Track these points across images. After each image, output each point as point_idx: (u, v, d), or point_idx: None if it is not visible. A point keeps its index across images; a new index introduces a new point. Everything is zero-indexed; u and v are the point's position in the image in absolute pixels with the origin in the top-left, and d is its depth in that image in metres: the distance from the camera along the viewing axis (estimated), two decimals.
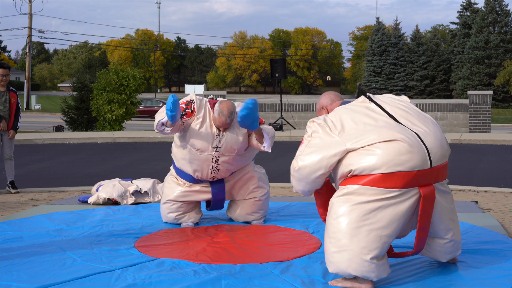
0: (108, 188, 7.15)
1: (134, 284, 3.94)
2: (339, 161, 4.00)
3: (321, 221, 5.76)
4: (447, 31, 71.70)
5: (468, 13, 60.96)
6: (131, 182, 7.42)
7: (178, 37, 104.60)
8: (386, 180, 3.87)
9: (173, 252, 4.74)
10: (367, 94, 4.31)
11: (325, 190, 4.34)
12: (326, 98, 4.57)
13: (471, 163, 12.68)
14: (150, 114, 33.50)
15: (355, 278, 3.98)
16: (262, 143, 5.51)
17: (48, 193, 8.28)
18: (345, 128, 4.03)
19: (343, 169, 3.99)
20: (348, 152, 3.96)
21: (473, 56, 55.28)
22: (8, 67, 8.44)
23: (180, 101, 5.49)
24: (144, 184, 7.35)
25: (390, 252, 4.29)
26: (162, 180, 7.92)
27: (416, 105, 4.49)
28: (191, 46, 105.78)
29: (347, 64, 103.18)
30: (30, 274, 4.15)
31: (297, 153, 4.13)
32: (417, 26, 68.12)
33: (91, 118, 22.66)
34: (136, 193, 7.23)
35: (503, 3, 56.40)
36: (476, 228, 5.51)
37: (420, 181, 3.94)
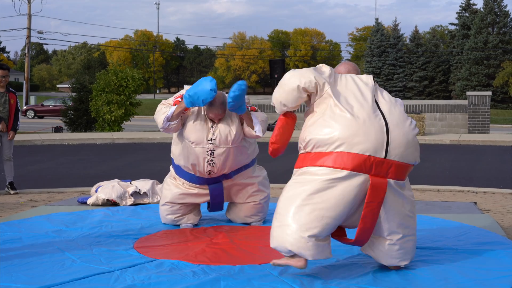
0: (107, 189, 7.15)
1: (133, 285, 3.94)
2: (303, 129, 4.22)
3: None
4: (446, 32, 71.71)
5: (467, 14, 60.97)
6: (130, 183, 7.42)
7: (177, 38, 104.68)
8: (337, 159, 4.00)
9: (172, 253, 4.75)
10: (375, 79, 4.40)
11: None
12: (343, 67, 4.63)
13: (470, 164, 12.69)
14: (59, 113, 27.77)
15: (292, 257, 4.06)
16: (253, 128, 5.53)
17: (47, 194, 8.28)
18: (336, 84, 4.25)
19: (302, 138, 4.18)
20: (323, 94, 4.20)
21: (472, 57, 55.28)
22: (8, 68, 8.44)
23: (175, 96, 5.64)
24: (143, 185, 7.35)
25: (338, 235, 4.34)
26: (161, 181, 7.92)
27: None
28: (190, 47, 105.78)
29: None
30: (29, 275, 4.15)
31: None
32: (416, 27, 68.20)
33: (90, 119, 22.65)
34: (135, 194, 7.23)
35: (502, 4, 56.41)
36: (475, 229, 5.51)
37: (371, 169, 4.01)
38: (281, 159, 10.88)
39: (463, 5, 61.91)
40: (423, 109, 20.91)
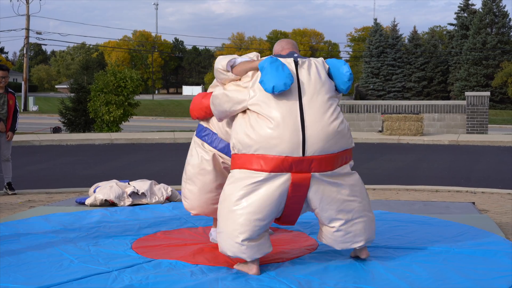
0: (105, 190, 7.15)
1: (131, 285, 3.94)
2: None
3: (318, 222, 5.76)
4: (445, 33, 71.72)
5: (465, 14, 60.98)
6: (129, 184, 7.42)
7: (175, 38, 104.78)
8: (257, 161, 4.15)
9: (170, 253, 4.74)
10: (296, 60, 4.36)
11: None
12: (277, 45, 4.67)
13: (468, 164, 12.70)
14: None
15: (246, 263, 4.26)
16: None
17: (45, 195, 8.28)
18: (257, 85, 4.27)
19: (230, 140, 4.37)
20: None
21: (471, 57, 55.29)
22: (7, 69, 8.44)
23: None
24: (141, 185, 7.35)
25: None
26: (159, 182, 7.93)
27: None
28: (189, 47, 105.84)
29: None
30: (27, 276, 4.15)
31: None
32: (414, 27, 68.05)
33: (89, 120, 22.65)
34: (134, 194, 7.23)
35: (501, 4, 56.43)
36: (473, 230, 5.51)
37: (291, 168, 4.14)
38: None
39: (462, 5, 61.93)
40: (421, 110, 20.92)
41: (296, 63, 4.33)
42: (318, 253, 4.77)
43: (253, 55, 4.67)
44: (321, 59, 4.53)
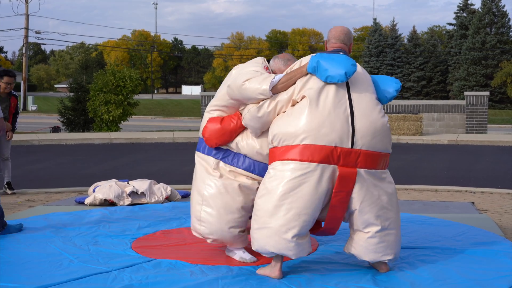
0: (105, 189, 7.14)
1: (130, 285, 3.94)
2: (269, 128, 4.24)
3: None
4: (444, 32, 71.73)
5: (465, 14, 61.00)
6: (128, 183, 7.42)
7: (175, 38, 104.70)
8: (303, 151, 4.02)
9: (170, 253, 4.74)
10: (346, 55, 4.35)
11: None
12: (329, 32, 4.53)
13: (467, 164, 12.70)
14: None
15: (270, 267, 4.15)
16: None
17: (44, 194, 8.27)
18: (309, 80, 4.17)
19: (270, 132, 4.21)
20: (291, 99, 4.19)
21: (470, 57, 55.29)
22: (14, 75, 8.56)
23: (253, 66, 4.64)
24: (140, 185, 7.35)
25: (313, 228, 4.33)
26: (158, 181, 7.93)
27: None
28: (188, 47, 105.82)
29: None
30: (27, 275, 4.14)
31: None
32: (414, 27, 68.01)
33: (88, 119, 22.65)
34: (133, 194, 7.23)
35: (500, 4, 56.43)
36: (473, 229, 5.51)
37: (339, 160, 4.05)
38: None
39: (461, 5, 61.93)
40: (421, 109, 20.92)
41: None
42: (319, 253, 4.77)
43: (261, 60, 4.59)
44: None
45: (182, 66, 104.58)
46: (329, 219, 4.19)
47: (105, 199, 7.05)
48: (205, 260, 4.54)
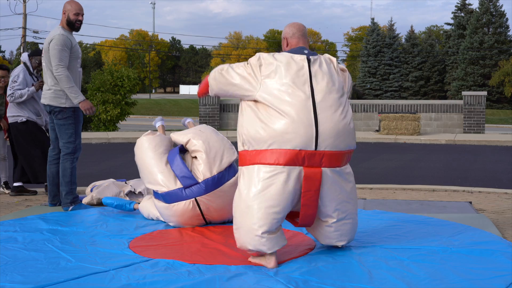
0: (103, 189, 7.14)
1: (128, 285, 3.94)
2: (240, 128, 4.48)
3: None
4: (442, 32, 71.80)
5: (462, 14, 61.05)
6: (126, 183, 7.41)
7: (173, 38, 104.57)
8: (271, 156, 4.31)
9: (168, 253, 4.74)
10: (309, 57, 4.52)
11: None
12: (289, 28, 4.72)
13: (465, 163, 12.71)
14: None
15: (263, 256, 4.44)
16: None
17: (42, 194, 8.26)
18: (268, 79, 4.39)
19: (240, 134, 4.47)
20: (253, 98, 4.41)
21: (468, 57, 55.34)
22: (7, 69, 8.39)
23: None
24: (138, 184, 7.35)
25: (290, 217, 4.71)
26: None
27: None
28: (186, 46, 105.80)
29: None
30: (24, 275, 4.14)
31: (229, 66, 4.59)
32: (411, 27, 68.05)
33: (86, 119, 22.61)
34: (131, 193, 7.22)
35: (498, 4, 56.48)
36: (470, 229, 5.52)
37: (304, 162, 4.33)
38: None
39: (459, 5, 61.98)
40: (418, 109, 20.94)
41: (309, 61, 4.49)
42: (316, 252, 4.77)
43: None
44: (328, 55, 4.71)
45: (180, 65, 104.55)
46: (302, 217, 4.54)
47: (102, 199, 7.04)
48: (202, 259, 4.54)
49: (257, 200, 4.34)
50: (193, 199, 5.55)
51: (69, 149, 6.70)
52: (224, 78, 4.56)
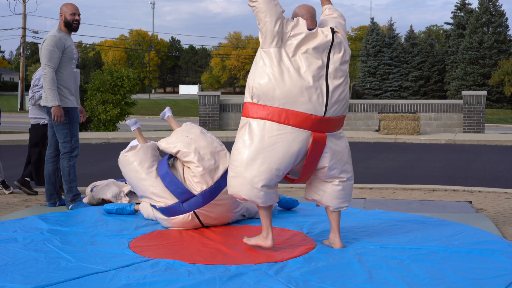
0: (102, 189, 7.13)
1: (128, 285, 3.94)
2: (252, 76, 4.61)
3: (315, 222, 5.77)
4: (441, 32, 71.79)
5: (462, 14, 61.04)
6: (126, 183, 7.41)
7: (172, 38, 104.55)
8: (281, 115, 4.51)
9: (168, 253, 4.74)
10: (333, 28, 4.76)
11: None
12: (298, 10, 4.85)
13: (465, 163, 12.71)
14: None
15: (259, 237, 4.74)
16: None
17: (42, 194, 8.25)
18: (294, 39, 4.58)
19: (250, 85, 4.61)
20: (278, 43, 4.55)
21: (467, 56, 55.32)
22: None
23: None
24: None
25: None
26: None
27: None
28: (186, 46, 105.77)
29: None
30: (24, 275, 4.14)
31: None
32: (411, 26, 67.96)
33: (85, 119, 22.60)
34: (131, 193, 7.22)
35: (497, 4, 56.46)
36: (470, 229, 5.52)
37: (313, 126, 4.56)
38: None
39: (459, 4, 61.96)
40: (418, 109, 20.94)
41: (333, 32, 4.71)
42: (316, 252, 4.77)
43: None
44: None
45: (180, 65, 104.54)
46: (302, 175, 4.78)
47: (102, 199, 7.04)
48: (202, 259, 4.54)
49: (262, 155, 4.52)
50: (192, 211, 5.52)
51: (66, 149, 6.77)
52: (275, 7, 4.59)
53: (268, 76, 4.51)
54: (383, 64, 61.12)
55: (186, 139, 5.70)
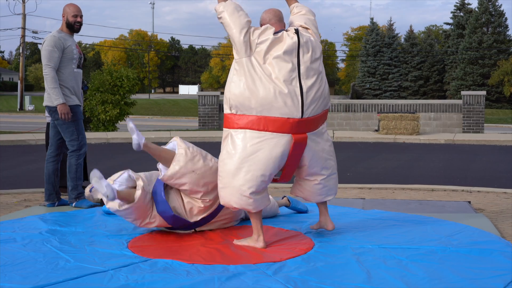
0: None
1: (127, 285, 3.94)
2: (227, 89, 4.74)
3: (314, 222, 5.76)
4: (441, 32, 71.80)
5: (461, 14, 61.07)
6: None
7: (172, 38, 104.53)
8: (260, 123, 4.64)
9: (166, 253, 4.74)
10: (297, 29, 4.86)
11: None
12: (266, 15, 4.96)
13: (464, 163, 12.72)
14: None
15: (251, 239, 4.87)
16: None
17: (41, 194, 8.25)
18: (262, 45, 4.70)
19: (227, 97, 4.71)
20: (246, 56, 4.68)
21: (467, 56, 55.35)
22: None
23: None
24: None
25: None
26: None
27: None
28: (185, 46, 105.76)
29: (341, 65, 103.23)
30: (23, 275, 4.14)
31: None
32: (411, 26, 67.98)
33: (85, 119, 22.59)
34: None
35: (497, 4, 56.50)
36: (469, 229, 5.52)
37: (292, 129, 4.67)
38: None
39: (458, 4, 61.99)
40: (418, 109, 20.94)
41: (298, 32, 4.81)
42: (315, 252, 4.77)
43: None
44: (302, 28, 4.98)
45: (179, 65, 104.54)
46: (284, 175, 4.93)
47: (101, 199, 7.03)
48: (201, 259, 4.54)
49: (246, 163, 4.66)
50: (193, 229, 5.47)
51: (74, 147, 6.82)
52: (239, 18, 4.75)
53: (242, 86, 4.64)
54: (383, 64, 61.16)
55: (194, 176, 5.10)
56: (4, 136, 17.86)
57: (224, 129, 4.84)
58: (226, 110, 4.78)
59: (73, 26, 6.90)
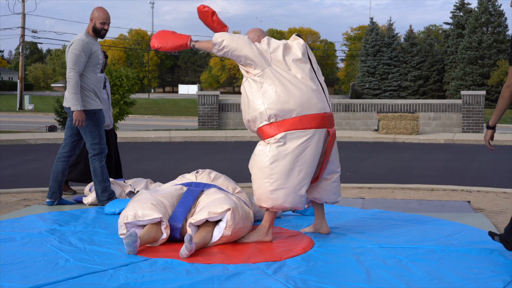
0: None
1: (126, 284, 3.94)
2: (258, 100, 4.87)
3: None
4: (441, 32, 71.78)
5: (461, 14, 61.05)
6: (124, 182, 7.41)
7: None
8: (302, 122, 4.83)
9: (166, 252, 4.74)
10: (297, 34, 5.34)
11: None
12: (253, 33, 5.19)
13: (464, 163, 12.72)
14: None
15: (259, 234, 4.98)
16: None
17: (40, 193, 8.26)
18: (277, 53, 4.97)
19: (259, 112, 4.86)
20: (263, 70, 4.88)
21: (467, 56, 55.33)
22: None
23: None
24: (137, 183, 7.33)
25: None
26: (155, 180, 7.93)
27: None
28: None
29: (340, 65, 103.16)
30: (23, 274, 4.14)
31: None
32: (410, 26, 67.98)
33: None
34: (131, 193, 7.21)
35: (496, 4, 56.47)
36: (469, 228, 5.52)
37: (328, 123, 4.97)
38: None
39: (458, 4, 61.98)
40: (417, 109, 20.94)
41: (300, 36, 5.24)
42: (314, 252, 4.77)
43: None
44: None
45: (179, 65, 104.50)
46: (322, 170, 5.11)
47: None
48: (201, 259, 4.54)
49: (297, 163, 4.82)
50: None
51: (96, 150, 6.82)
52: (241, 38, 4.94)
53: (277, 93, 4.83)
54: (382, 64, 61.13)
55: (234, 203, 5.01)
56: (4, 136, 17.86)
57: (263, 141, 4.93)
58: (262, 124, 4.89)
59: (99, 32, 6.92)
